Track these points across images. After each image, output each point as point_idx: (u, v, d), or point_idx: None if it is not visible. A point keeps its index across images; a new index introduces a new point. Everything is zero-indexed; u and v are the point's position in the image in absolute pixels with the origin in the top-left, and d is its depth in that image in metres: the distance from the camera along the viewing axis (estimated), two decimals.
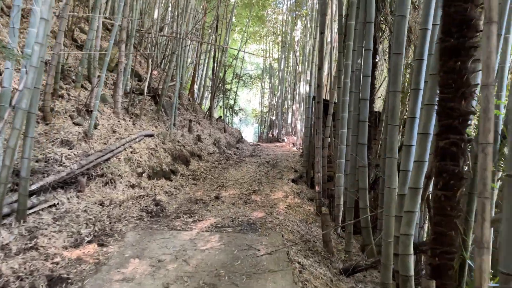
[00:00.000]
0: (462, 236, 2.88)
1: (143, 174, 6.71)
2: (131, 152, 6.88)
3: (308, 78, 12.46)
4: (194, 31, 12.63)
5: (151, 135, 8.07)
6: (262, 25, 23.36)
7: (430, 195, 3.08)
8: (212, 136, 11.89)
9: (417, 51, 3.15)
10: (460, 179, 2.54)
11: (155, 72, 14.51)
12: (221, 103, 17.97)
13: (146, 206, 5.66)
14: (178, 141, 9.00)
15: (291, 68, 24.10)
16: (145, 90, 8.71)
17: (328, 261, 4.44)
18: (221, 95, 16.11)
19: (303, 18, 22.01)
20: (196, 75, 17.76)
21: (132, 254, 3.78)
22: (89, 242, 4.04)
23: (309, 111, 9.12)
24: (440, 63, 2.62)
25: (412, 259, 2.97)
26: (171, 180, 7.29)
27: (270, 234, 4.56)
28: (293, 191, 7.41)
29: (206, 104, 19.59)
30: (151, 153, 7.26)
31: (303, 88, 17.86)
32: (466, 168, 2.64)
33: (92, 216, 4.75)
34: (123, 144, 6.92)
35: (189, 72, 21.24)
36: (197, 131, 11.81)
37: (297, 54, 22.15)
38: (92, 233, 4.31)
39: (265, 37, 26.57)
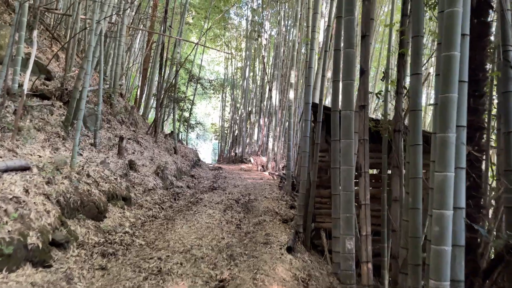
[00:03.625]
0: None
1: None
2: None
3: (293, 81, 9.23)
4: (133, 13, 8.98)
5: (25, 169, 4.27)
6: (223, 23, 20.08)
7: None
8: (155, 162, 8.15)
9: None
10: None
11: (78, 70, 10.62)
12: (175, 115, 14.20)
13: None
14: (88, 175, 5.21)
15: (257, 77, 20.94)
16: (24, 88, 4.88)
17: None
18: (173, 104, 12.37)
19: (272, 18, 19.08)
20: (140, 80, 13.97)
21: None
22: None
23: (307, 127, 5.76)
24: None
25: None
26: (49, 267, 3.50)
27: None
28: (296, 276, 3.92)
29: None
30: (5, 210, 3.45)
31: (276, 98, 14.64)
32: None
33: None
34: None
35: (135, 78, 17.45)
36: (133, 153, 8.03)
37: (265, 60, 19.04)
38: None
39: (226, 44, 23.32)
